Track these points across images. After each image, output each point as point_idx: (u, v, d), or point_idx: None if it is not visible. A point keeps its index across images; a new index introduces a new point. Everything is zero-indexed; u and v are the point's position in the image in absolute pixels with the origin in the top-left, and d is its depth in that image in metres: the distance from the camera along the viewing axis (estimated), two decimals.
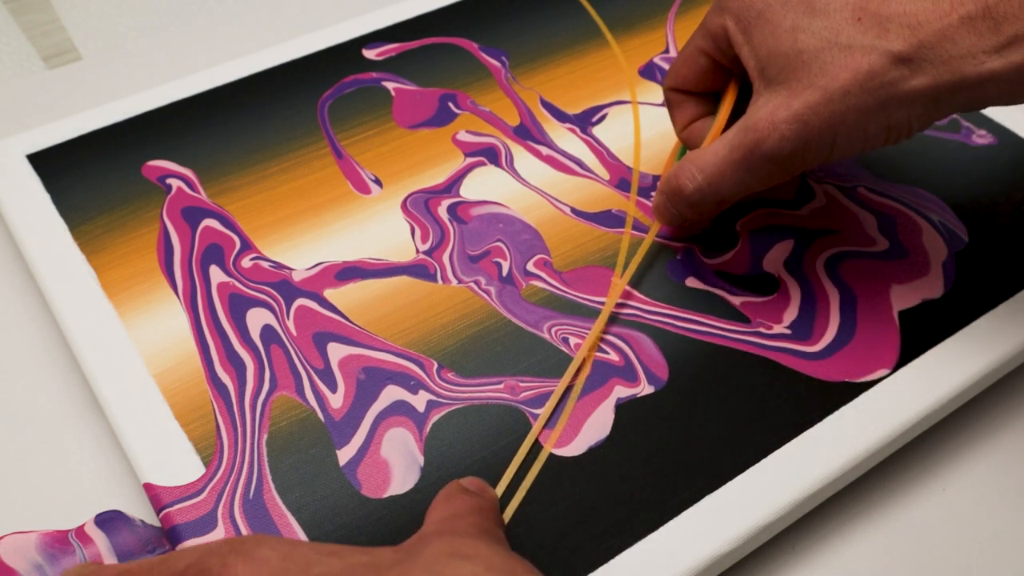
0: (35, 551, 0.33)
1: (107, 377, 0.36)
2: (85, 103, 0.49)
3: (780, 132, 0.35)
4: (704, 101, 0.41)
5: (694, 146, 0.41)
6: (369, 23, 0.51)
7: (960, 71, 0.33)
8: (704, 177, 0.38)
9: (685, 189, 0.38)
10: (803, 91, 0.35)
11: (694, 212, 0.39)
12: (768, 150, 0.36)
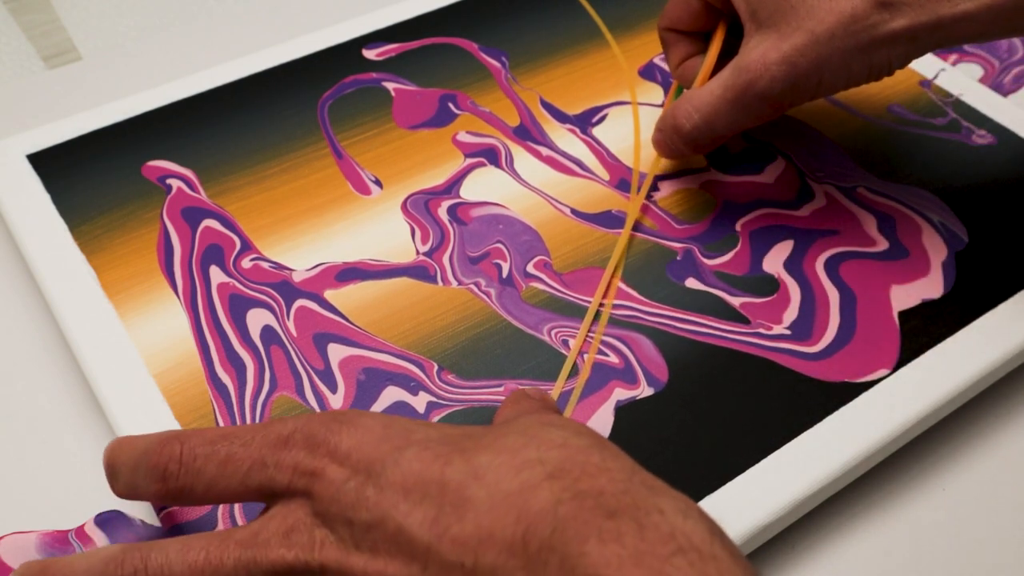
0: (35, 551, 0.33)
1: (107, 377, 0.36)
2: (85, 103, 0.49)
3: (771, 73, 0.38)
4: (696, 40, 0.44)
5: (687, 83, 0.44)
6: (369, 23, 0.51)
7: (936, 12, 0.36)
8: (700, 116, 0.41)
9: (683, 127, 0.42)
10: (792, 34, 0.38)
11: (691, 148, 0.42)
12: (760, 90, 0.39)
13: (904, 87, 0.50)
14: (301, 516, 0.27)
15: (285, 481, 0.27)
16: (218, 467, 0.28)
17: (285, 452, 0.27)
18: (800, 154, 0.47)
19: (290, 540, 0.27)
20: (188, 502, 0.29)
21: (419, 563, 0.25)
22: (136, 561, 0.27)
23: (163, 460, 0.28)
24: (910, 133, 0.48)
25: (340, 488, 0.26)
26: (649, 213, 0.43)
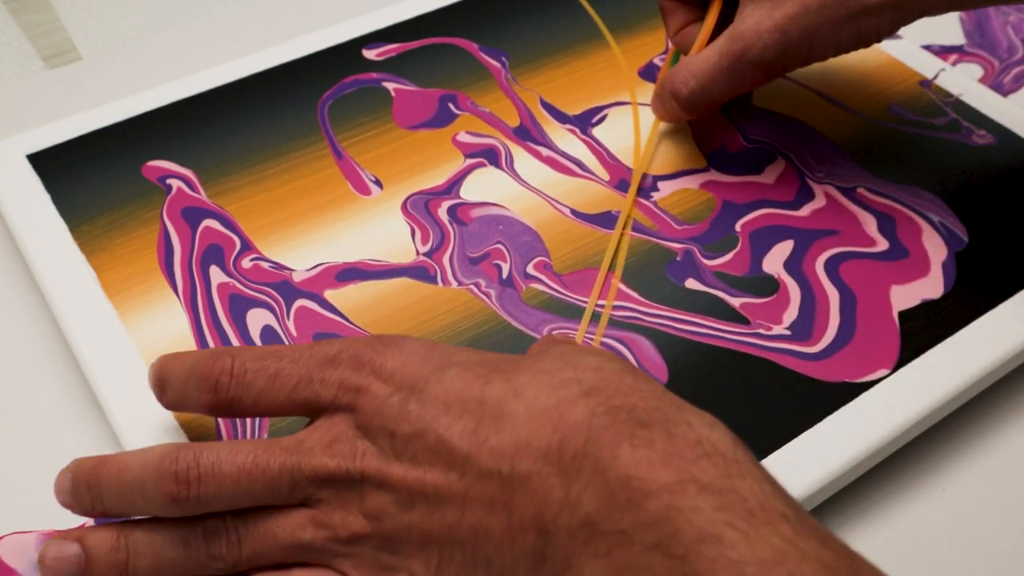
0: (35, 551, 0.33)
1: (107, 377, 0.36)
2: (85, 103, 0.49)
3: (763, 41, 0.40)
4: (694, 8, 0.45)
5: (685, 49, 0.46)
6: (369, 23, 0.51)
7: None
8: (697, 82, 0.43)
9: (680, 92, 0.43)
10: (784, 3, 0.40)
11: (688, 112, 0.44)
12: (753, 57, 0.41)
13: (904, 87, 0.50)
14: (344, 428, 0.28)
15: (330, 396, 0.29)
16: (267, 381, 0.29)
17: (331, 370, 0.29)
18: (800, 154, 0.47)
19: (332, 450, 0.28)
20: (236, 414, 0.30)
21: (457, 471, 0.26)
22: (189, 458, 0.28)
23: (215, 372, 0.30)
24: (910, 133, 0.48)
25: (383, 403, 0.28)
26: (649, 213, 0.43)
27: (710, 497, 0.23)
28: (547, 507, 0.25)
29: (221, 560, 0.29)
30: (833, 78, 0.50)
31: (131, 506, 0.29)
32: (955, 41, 0.56)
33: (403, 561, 0.28)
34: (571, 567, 0.25)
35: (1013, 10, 0.58)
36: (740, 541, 0.22)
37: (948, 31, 0.57)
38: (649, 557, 0.23)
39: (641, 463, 0.24)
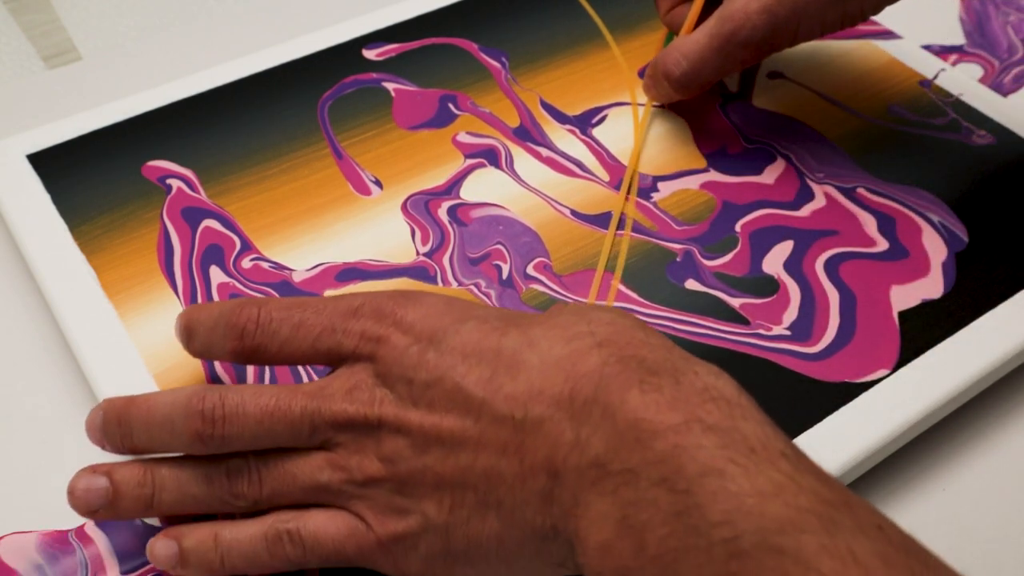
0: (35, 551, 0.33)
1: (107, 377, 0.36)
2: (85, 103, 0.49)
3: (752, 21, 0.41)
4: None
5: (676, 29, 0.47)
6: (369, 23, 0.51)
7: None
8: (688, 63, 0.44)
9: (672, 74, 0.44)
10: None
11: (680, 93, 0.45)
12: (743, 38, 0.42)
13: (904, 87, 0.50)
14: (364, 377, 0.30)
15: (352, 346, 0.30)
16: (291, 330, 0.30)
17: (354, 321, 0.30)
18: (800, 155, 0.47)
19: (352, 396, 0.29)
20: (260, 361, 0.31)
21: (472, 416, 0.28)
22: (215, 398, 0.30)
23: (241, 320, 0.31)
24: (910, 133, 0.48)
25: (403, 352, 0.29)
26: (649, 214, 0.43)
27: (713, 436, 0.24)
28: (558, 450, 0.26)
29: (242, 498, 0.30)
30: (833, 78, 0.50)
31: (159, 443, 0.31)
32: (955, 41, 0.56)
33: (416, 504, 0.29)
34: (578, 505, 0.26)
35: (1013, 10, 0.58)
36: (740, 475, 0.23)
37: (948, 31, 0.57)
38: (654, 492, 0.24)
39: (649, 407, 0.25)
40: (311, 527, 0.30)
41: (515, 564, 0.28)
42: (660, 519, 0.24)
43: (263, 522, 0.30)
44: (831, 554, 0.21)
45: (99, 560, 0.33)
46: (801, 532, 0.22)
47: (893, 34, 0.53)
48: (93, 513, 0.31)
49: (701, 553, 0.23)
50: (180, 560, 0.31)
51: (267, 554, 0.30)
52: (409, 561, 0.29)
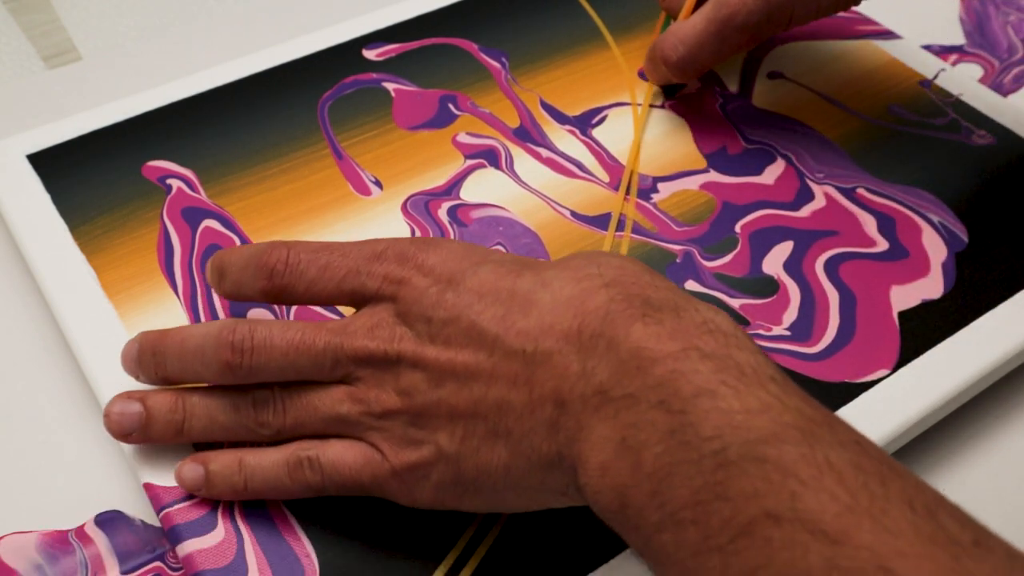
0: (35, 551, 0.33)
1: (107, 377, 0.36)
2: (85, 103, 0.49)
3: (748, 6, 0.42)
4: None
5: (674, 14, 0.48)
6: (369, 23, 0.51)
7: None
8: (686, 48, 0.45)
9: (670, 59, 0.46)
10: None
11: (678, 77, 0.46)
12: (739, 22, 0.43)
13: (904, 87, 0.50)
14: (385, 316, 0.31)
15: (375, 287, 0.31)
16: (318, 271, 0.32)
17: (377, 264, 0.32)
18: (800, 155, 0.47)
19: (373, 334, 0.31)
20: (288, 301, 0.33)
21: (486, 351, 0.29)
22: (244, 331, 0.32)
23: (271, 260, 0.32)
24: (910, 133, 0.48)
25: (423, 293, 0.30)
26: (648, 215, 0.43)
27: (709, 363, 0.26)
28: (565, 380, 0.28)
29: (266, 427, 0.32)
30: (833, 78, 0.50)
31: (190, 372, 0.33)
32: (955, 41, 0.56)
33: (430, 435, 0.30)
34: (582, 430, 0.27)
35: (1013, 10, 0.58)
36: (731, 395, 0.25)
37: (948, 31, 0.57)
38: (652, 414, 0.26)
39: (651, 337, 0.27)
40: (330, 455, 0.31)
41: (521, 492, 0.30)
42: (656, 438, 0.25)
43: (285, 449, 0.32)
44: (809, 462, 0.23)
45: (99, 560, 0.33)
46: (783, 443, 0.24)
47: (893, 34, 0.53)
48: (126, 436, 0.33)
49: (692, 466, 0.24)
50: (206, 483, 0.32)
51: (288, 479, 0.32)
52: (421, 490, 0.31)
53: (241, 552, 0.32)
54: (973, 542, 0.21)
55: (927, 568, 0.20)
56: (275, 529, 0.33)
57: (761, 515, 0.23)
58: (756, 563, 0.22)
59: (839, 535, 0.21)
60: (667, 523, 0.25)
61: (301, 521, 0.33)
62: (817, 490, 0.22)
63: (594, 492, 0.27)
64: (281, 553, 0.32)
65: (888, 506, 0.22)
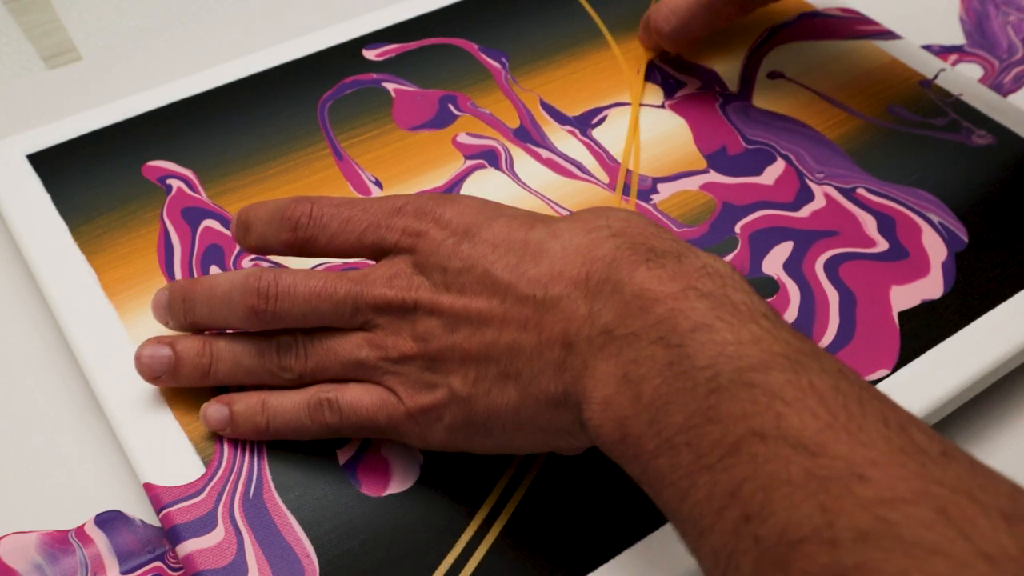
0: (35, 551, 0.33)
1: (107, 377, 0.36)
2: (85, 103, 0.49)
3: None
4: None
5: None
6: (369, 23, 0.51)
7: None
8: (678, 19, 0.47)
9: (663, 30, 0.48)
10: None
11: (671, 47, 0.49)
12: None
13: (904, 87, 0.50)
14: (403, 267, 0.33)
15: (394, 240, 0.33)
16: (340, 224, 0.34)
17: (397, 218, 0.33)
18: (800, 155, 0.47)
19: (392, 283, 0.32)
20: (311, 253, 0.34)
21: (499, 298, 0.31)
22: (270, 278, 0.33)
23: (296, 214, 0.34)
24: (910, 133, 0.48)
25: (440, 244, 0.32)
26: (649, 216, 0.43)
27: (706, 301, 0.27)
28: (572, 323, 0.29)
29: (289, 370, 0.34)
30: (833, 78, 0.50)
31: (218, 317, 0.34)
32: (955, 41, 0.56)
33: (443, 378, 0.32)
34: (587, 368, 0.28)
35: (1013, 10, 0.58)
36: (725, 329, 0.27)
37: (948, 31, 0.57)
38: (652, 349, 0.27)
39: (653, 279, 0.28)
40: (348, 397, 0.33)
41: (529, 433, 0.31)
42: (656, 371, 0.27)
43: (306, 392, 0.34)
44: (794, 386, 0.25)
45: (99, 560, 0.33)
46: (771, 370, 0.25)
47: (893, 34, 0.53)
48: (156, 379, 0.35)
49: (687, 394, 0.26)
50: (231, 422, 0.34)
51: (308, 420, 0.34)
52: (434, 432, 0.32)
53: (241, 552, 0.32)
54: (940, 452, 0.23)
55: (896, 474, 0.22)
56: (275, 529, 0.33)
57: (748, 434, 0.24)
58: (743, 477, 0.24)
59: (818, 448, 0.23)
60: (663, 448, 0.26)
61: (301, 521, 0.33)
62: (800, 410, 0.24)
63: (596, 426, 0.28)
64: (281, 553, 0.32)
65: (864, 423, 0.23)
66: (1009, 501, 0.21)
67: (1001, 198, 0.45)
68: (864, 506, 0.21)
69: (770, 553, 0.22)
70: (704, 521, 0.25)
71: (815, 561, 0.21)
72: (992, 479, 0.22)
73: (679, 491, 0.26)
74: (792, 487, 0.23)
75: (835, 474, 0.22)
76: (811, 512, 0.22)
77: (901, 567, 0.20)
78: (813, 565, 0.21)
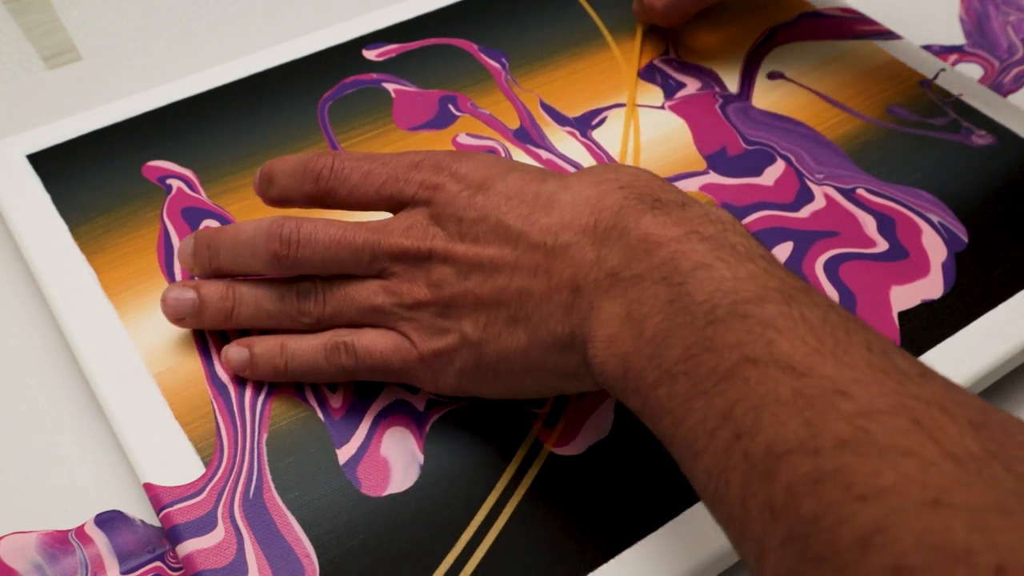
0: (35, 551, 0.33)
1: (107, 377, 0.36)
2: (85, 103, 0.49)
3: None
4: None
5: None
6: (369, 23, 0.51)
7: None
8: None
9: (655, 7, 0.50)
10: None
11: (664, 22, 0.50)
12: None
13: (904, 87, 0.50)
14: (420, 218, 0.34)
15: (411, 192, 0.34)
16: (360, 177, 0.35)
17: (415, 172, 0.34)
18: (800, 155, 0.47)
19: (408, 233, 0.34)
20: (332, 205, 0.36)
21: (511, 246, 0.32)
22: (292, 225, 0.35)
23: (318, 167, 0.35)
24: (910, 133, 0.48)
25: (455, 196, 0.33)
26: None
27: (707, 243, 0.29)
28: (580, 268, 0.31)
29: (308, 315, 0.35)
30: (833, 78, 0.50)
31: (241, 263, 0.36)
32: (955, 41, 0.56)
33: (456, 324, 0.33)
34: (592, 309, 0.30)
35: (1013, 10, 0.58)
36: (724, 267, 0.28)
37: (948, 31, 0.57)
38: (655, 289, 0.28)
39: (658, 225, 0.30)
40: (364, 341, 0.35)
41: (537, 376, 0.32)
42: (657, 308, 0.28)
43: (323, 336, 0.35)
44: (786, 317, 0.26)
45: (99, 560, 0.33)
46: (765, 303, 0.26)
47: (893, 34, 0.53)
48: (180, 320, 0.36)
49: (686, 327, 0.27)
50: (250, 363, 0.36)
51: (325, 362, 0.35)
52: (445, 376, 0.34)
53: (241, 552, 0.32)
54: (919, 373, 0.24)
55: (877, 391, 0.23)
56: (275, 529, 0.33)
57: (742, 360, 0.26)
58: (735, 399, 0.25)
59: (806, 369, 0.24)
60: (663, 379, 0.27)
61: (301, 521, 0.33)
62: (791, 338, 0.25)
63: (601, 363, 0.29)
64: (281, 553, 0.32)
65: (849, 348, 0.25)
66: (978, 413, 0.23)
67: (1001, 198, 0.45)
68: (845, 418, 0.23)
69: (758, 467, 0.24)
70: (698, 443, 0.26)
71: (798, 470, 0.23)
72: (965, 395, 0.24)
73: (676, 417, 0.27)
74: (780, 405, 0.24)
75: (820, 392, 0.24)
76: (797, 427, 0.24)
77: (875, 468, 0.22)
78: (796, 474, 0.23)
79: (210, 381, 0.36)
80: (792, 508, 0.23)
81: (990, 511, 0.20)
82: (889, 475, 0.21)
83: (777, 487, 0.23)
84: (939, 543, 0.20)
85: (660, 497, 0.34)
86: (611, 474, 0.35)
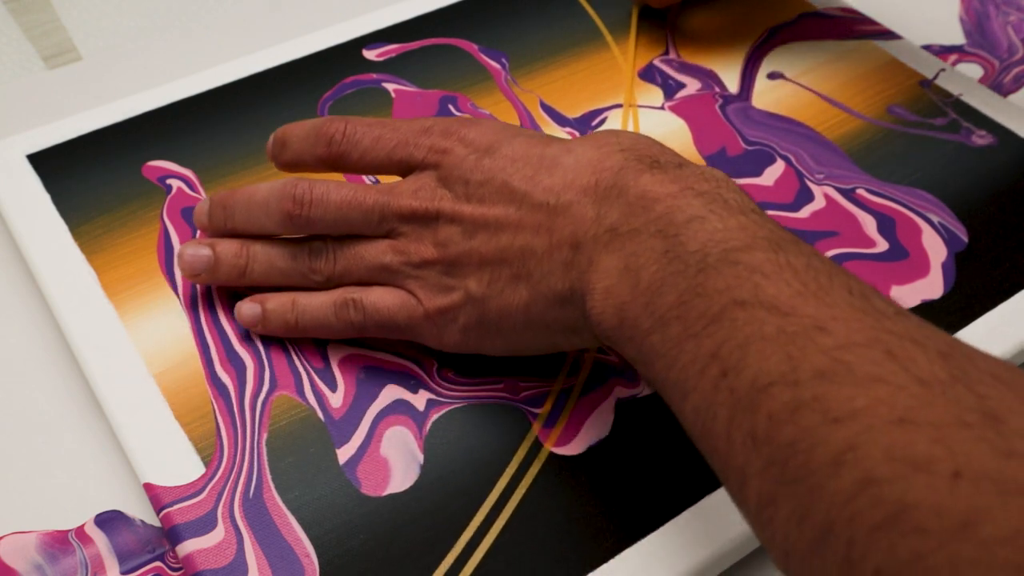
0: (35, 551, 0.33)
1: (107, 377, 0.36)
2: (85, 103, 0.49)
3: None
4: None
5: None
6: (369, 23, 0.51)
7: None
8: None
9: None
10: None
11: (656, 4, 0.51)
12: None
13: (904, 87, 0.50)
14: (428, 181, 0.35)
15: (421, 156, 0.36)
16: (372, 142, 0.36)
17: (424, 137, 0.36)
18: (800, 155, 0.47)
19: (417, 194, 0.35)
20: (344, 168, 0.37)
21: (515, 205, 0.33)
22: (305, 186, 0.36)
23: (331, 131, 0.37)
24: (910, 133, 0.48)
25: (463, 159, 0.35)
26: None
27: (701, 198, 0.30)
28: (581, 225, 0.32)
29: (318, 273, 0.37)
30: (833, 78, 0.51)
31: (255, 222, 0.37)
32: (955, 41, 0.56)
33: (460, 281, 0.34)
34: (592, 263, 0.31)
35: (1013, 10, 0.58)
36: (716, 219, 0.29)
37: (948, 31, 0.57)
38: (651, 241, 0.30)
39: (655, 183, 0.31)
40: (372, 298, 0.36)
41: (537, 332, 0.34)
42: (652, 259, 0.29)
43: (333, 293, 0.37)
44: (772, 263, 0.27)
45: (99, 560, 0.33)
46: (753, 250, 0.28)
47: (893, 34, 0.53)
48: (196, 276, 0.38)
49: (679, 275, 0.28)
50: (262, 318, 0.37)
51: (334, 318, 0.36)
52: (449, 332, 0.35)
53: (241, 552, 0.32)
54: (895, 312, 0.26)
55: (854, 327, 0.25)
56: (275, 529, 0.33)
57: (730, 303, 0.27)
58: (723, 339, 0.26)
59: (789, 309, 0.26)
60: (656, 326, 0.28)
61: (301, 521, 0.33)
62: (777, 281, 0.27)
63: (598, 314, 0.30)
64: (281, 553, 0.32)
65: (831, 290, 0.26)
66: (947, 345, 0.24)
67: (1001, 198, 0.45)
68: (824, 351, 0.24)
69: (743, 400, 0.25)
70: (688, 383, 0.27)
71: (778, 400, 0.24)
72: (935, 331, 0.25)
73: (668, 361, 0.28)
74: (764, 342, 0.25)
75: (802, 329, 0.25)
76: (779, 361, 0.25)
77: (849, 394, 0.23)
78: (776, 403, 0.24)
79: (210, 381, 0.36)
80: (772, 435, 0.24)
81: (951, 425, 0.22)
82: (862, 399, 0.23)
83: (759, 417, 0.25)
84: (903, 455, 0.21)
85: (660, 497, 0.34)
86: (611, 474, 0.35)
